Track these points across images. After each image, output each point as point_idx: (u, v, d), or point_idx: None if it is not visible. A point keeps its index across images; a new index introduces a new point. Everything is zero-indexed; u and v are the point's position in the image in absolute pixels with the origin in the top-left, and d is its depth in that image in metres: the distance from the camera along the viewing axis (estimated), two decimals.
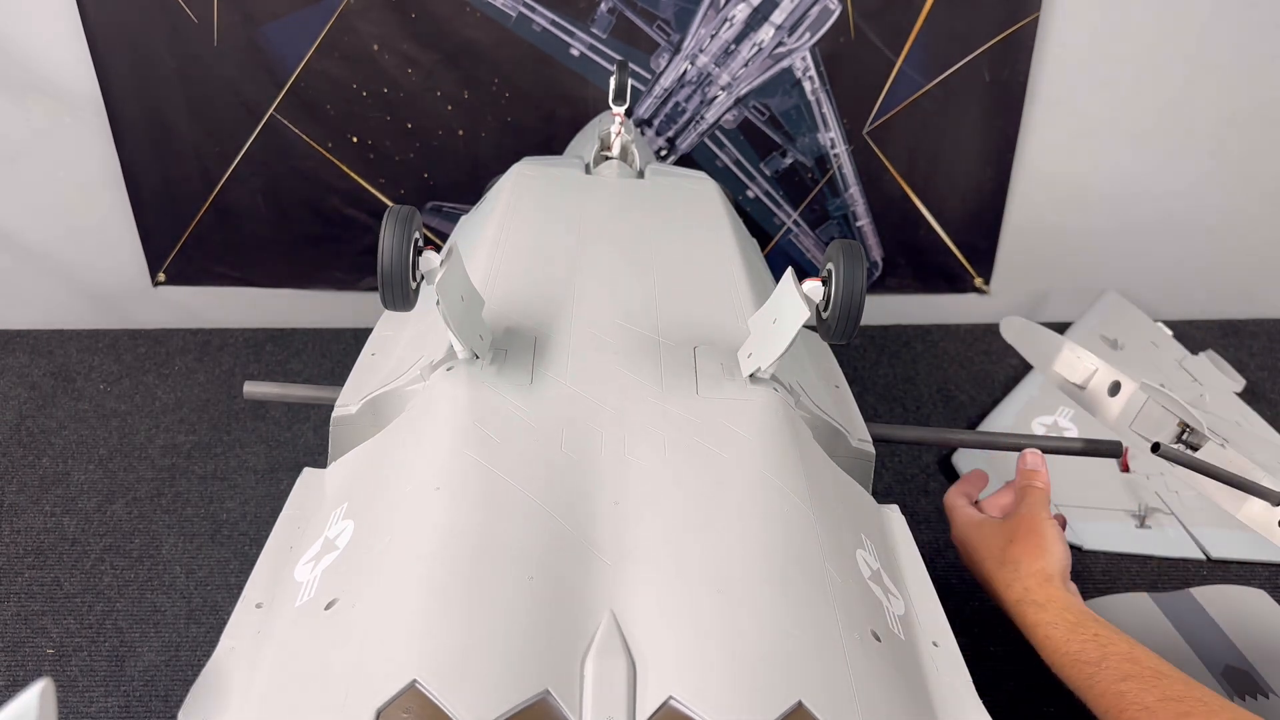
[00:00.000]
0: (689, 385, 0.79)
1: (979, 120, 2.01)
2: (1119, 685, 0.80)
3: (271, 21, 1.82)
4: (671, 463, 0.69)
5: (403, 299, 0.72)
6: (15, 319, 2.08)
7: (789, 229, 2.11)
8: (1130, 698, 0.79)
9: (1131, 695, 0.79)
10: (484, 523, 0.61)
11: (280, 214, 2.02)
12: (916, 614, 0.70)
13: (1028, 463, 1.03)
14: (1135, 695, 0.79)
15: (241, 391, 1.02)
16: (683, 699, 0.50)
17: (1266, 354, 2.13)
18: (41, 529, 1.59)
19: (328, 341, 2.09)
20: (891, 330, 2.18)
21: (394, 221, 0.71)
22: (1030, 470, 1.02)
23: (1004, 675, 1.40)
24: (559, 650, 0.53)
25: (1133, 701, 0.79)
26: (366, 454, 0.79)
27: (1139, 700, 0.78)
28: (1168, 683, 0.78)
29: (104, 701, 1.33)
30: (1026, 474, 1.02)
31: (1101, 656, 0.83)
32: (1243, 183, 2.11)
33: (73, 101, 1.85)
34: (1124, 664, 0.81)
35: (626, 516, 0.64)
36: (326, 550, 0.66)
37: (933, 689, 0.63)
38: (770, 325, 0.77)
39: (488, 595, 0.56)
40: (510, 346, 0.81)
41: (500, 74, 1.90)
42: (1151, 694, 0.78)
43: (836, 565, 0.64)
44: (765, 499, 0.67)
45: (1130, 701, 0.79)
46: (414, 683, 0.49)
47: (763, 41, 1.90)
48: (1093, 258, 2.19)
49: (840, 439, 0.90)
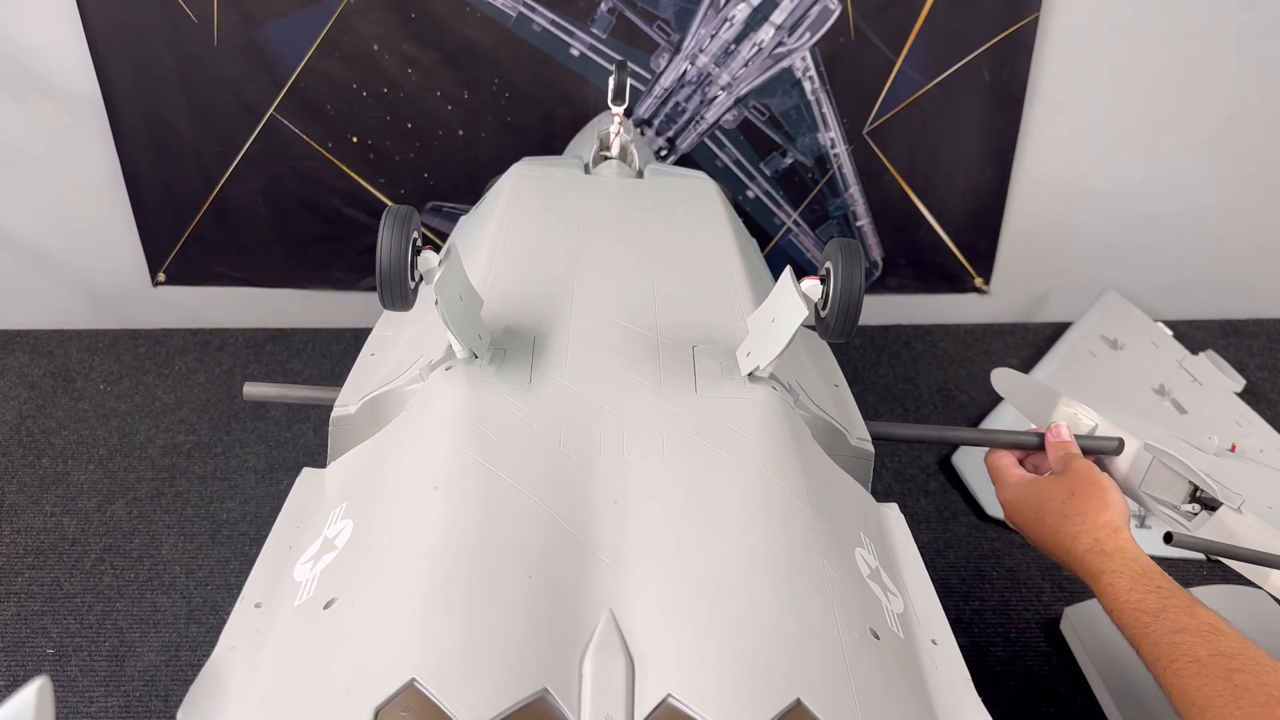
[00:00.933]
0: (688, 384, 0.79)
1: (979, 120, 2.01)
2: (1174, 636, 0.81)
3: (271, 21, 1.82)
4: (670, 462, 0.69)
5: (401, 299, 0.72)
6: (15, 319, 2.08)
7: (789, 229, 2.11)
8: (1183, 649, 0.79)
9: (1184, 647, 0.79)
10: (483, 522, 0.61)
11: (280, 214, 2.02)
12: (915, 612, 0.70)
13: (1062, 435, 1.06)
14: (1188, 647, 0.79)
15: (241, 392, 1.02)
16: (681, 697, 0.50)
17: (1266, 354, 2.13)
18: (41, 529, 1.59)
19: (328, 341, 2.09)
20: (891, 330, 2.19)
21: (392, 221, 0.71)
22: (1066, 441, 1.05)
23: (1004, 675, 1.40)
24: (558, 649, 0.53)
25: (1185, 653, 0.79)
26: (365, 454, 0.79)
27: (1191, 653, 0.79)
28: (1223, 639, 0.79)
29: (104, 701, 1.34)
30: (1063, 444, 1.05)
31: (1161, 608, 0.83)
32: (1243, 183, 2.11)
33: (73, 102, 1.86)
34: (1182, 617, 0.82)
35: (625, 515, 0.64)
36: (325, 550, 0.66)
37: (931, 686, 0.63)
38: (769, 324, 0.77)
39: (486, 594, 0.55)
40: (509, 346, 0.81)
41: (500, 74, 1.90)
42: (1204, 648, 0.78)
43: (835, 563, 0.64)
44: (764, 497, 0.66)
45: (1183, 653, 0.79)
46: (413, 681, 0.49)
47: (763, 41, 1.90)
48: (1093, 258, 2.19)
49: (839, 438, 0.89)
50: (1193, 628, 0.80)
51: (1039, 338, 2.16)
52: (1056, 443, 1.06)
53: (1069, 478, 0.99)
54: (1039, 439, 1.07)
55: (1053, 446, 1.06)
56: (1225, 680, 0.76)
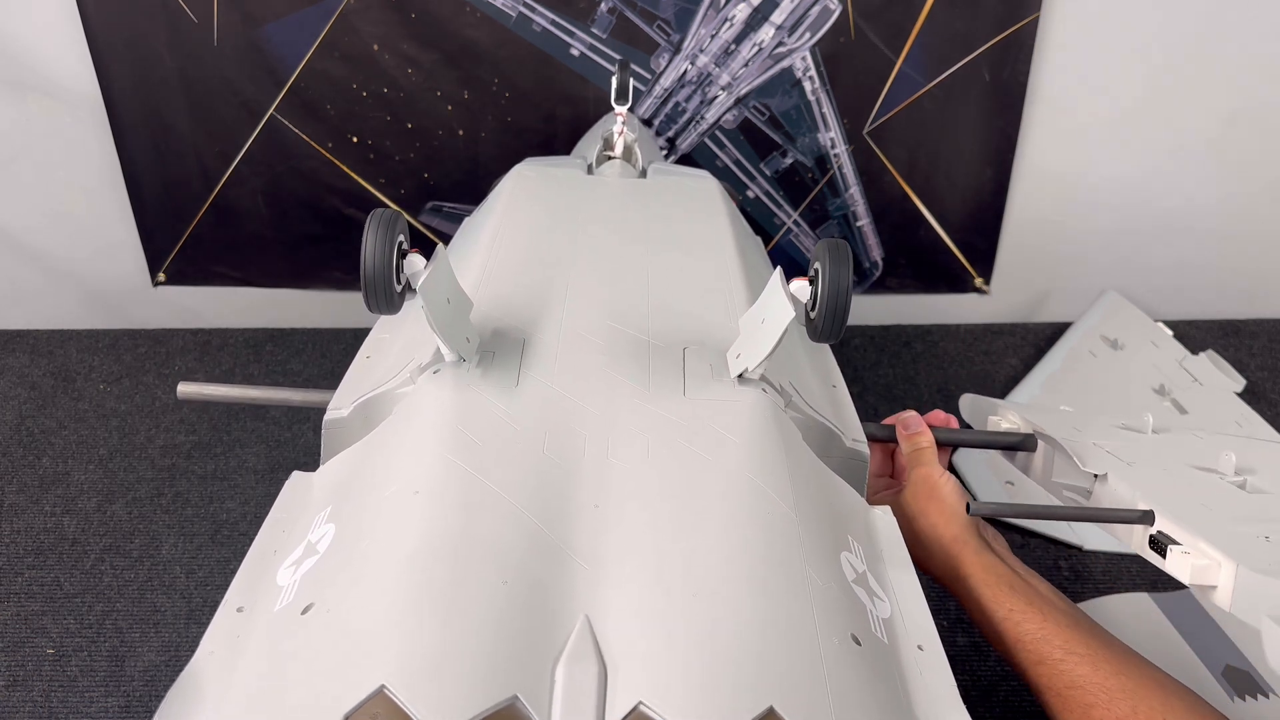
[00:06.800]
0: (676, 386, 0.79)
1: (979, 120, 2.00)
2: (1035, 669, 0.80)
3: (271, 21, 1.82)
4: (653, 465, 0.69)
5: (386, 302, 0.72)
6: (15, 319, 2.08)
7: (789, 229, 2.11)
8: (1045, 681, 0.78)
9: (1045, 679, 0.78)
10: (461, 526, 0.61)
11: (280, 214, 2.03)
12: (902, 617, 0.70)
13: (909, 426, 1.00)
14: (1048, 679, 0.78)
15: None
16: (652, 704, 0.50)
17: (1266, 354, 2.12)
18: (41, 529, 1.59)
19: (328, 341, 2.10)
20: (891, 330, 2.18)
21: (377, 224, 0.71)
22: (914, 434, 0.99)
23: (1004, 675, 1.40)
24: (531, 655, 0.53)
25: (1047, 686, 0.78)
26: (352, 458, 0.79)
27: (1051, 685, 0.78)
28: (1077, 668, 0.77)
29: (104, 701, 1.34)
30: (911, 438, 0.99)
31: (1017, 637, 0.81)
32: (1243, 183, 2.10)
33: (73, 101, 1.86)
34: (1040, 646, 0.79)
35: (606, 519, 0.64)
36: (308, 554, 0.66)
37: (914, 692, 0.63)
38: (759, 325, 0.77)
39: (460, 600, 0.55)
40: (498, 349, 0.81)
41: (500, 74, 1.90)
42: (1061, 680, 0.77)
43: (818, 568, 0.64)
44: (747, 501, 0.66)
45: (1045, 685, 0.78)
46: (382, 687, 0.49)
47: (763, 41, 1.90)
48: (1093, 258, 2.18)
49: (834, 439, 0.89)
50: (1047, 657, 0.79)
51: (1039, 338, 2.16)
52: (905, 435, 1.00)
53: (912, 493, 0.94)
54: (890, 430, 1.01)
55: (904, 440, 1.00)
56: (1085, 717, 0.75)
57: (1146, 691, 0.74)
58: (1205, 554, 0.74)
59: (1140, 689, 0.74)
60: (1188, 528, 0.77)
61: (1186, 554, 0.75)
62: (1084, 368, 1.93)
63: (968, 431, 1.08)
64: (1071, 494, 0.97)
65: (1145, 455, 0.97)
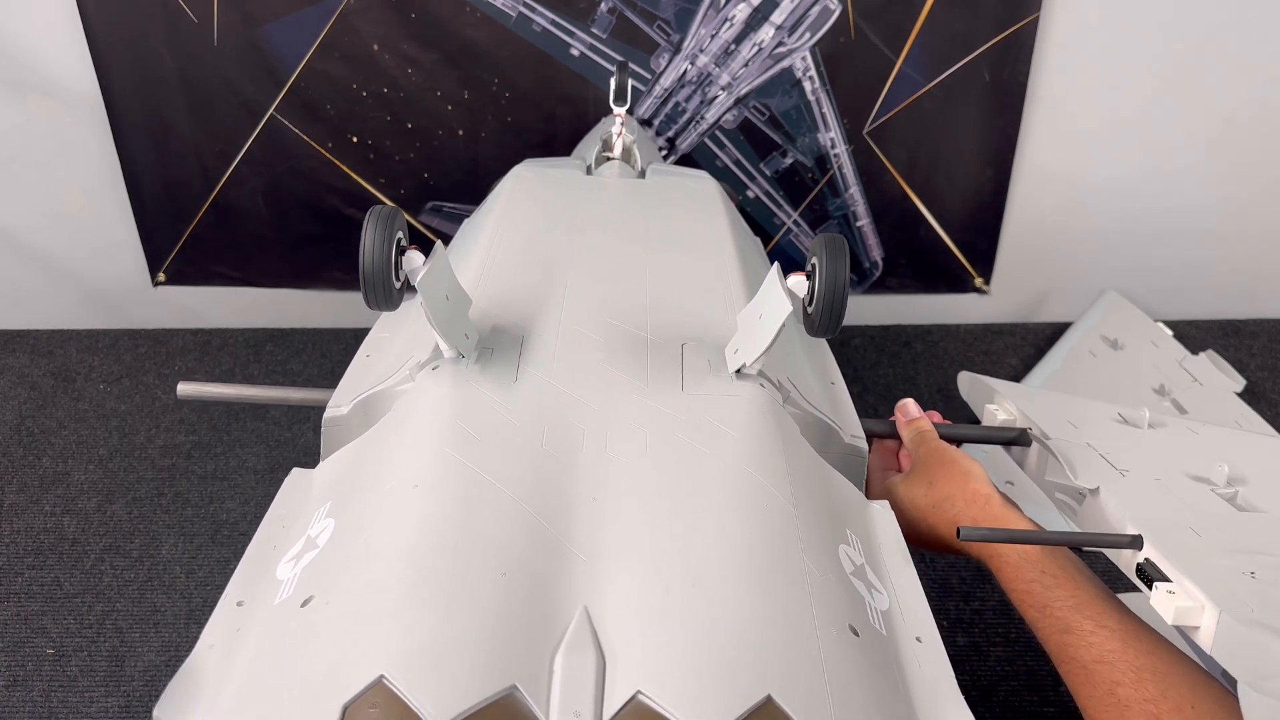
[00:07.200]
0: (674, 381, 0.79)
1: (979, 120, 2.00)
2: (1061, 637, 0.78)
3: (271, 21, 1.82)
4: (651, 458, 0.69)
5: (385, 299, 0.73)
6: (15, 319, 2.09)
7: (789, 229, 2.11)
8: (1070, 651, 0.77)
9: (1071, 649, 0.77)
10: (460, 520, 0.61)
11: (280, 214, 2.03)
12: (901, 610, 0.70)
13: (909, 411, 1.01)
14: (1075, 650, 0.77)
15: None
16: (650, 693, 0.50)
17: (1266, 354, 2.12)
18: (41, 529, 1.59)
19: (328, 341, 2.10)
20: (891, 330, 2.18)
21: (375, 220, 0.71)
22: (914, 419, 1.00)
23: (1004, 675, 1.40)
24: (530, 646, 0.53)
25: (1072, 656, 0.77)
26: (351, 454, 0.79)
27: (1077, 657, 0.76)
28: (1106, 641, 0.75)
29: (104, 701, 1.34)
30: (911, 423, 1.00)
31: (1046, 602, 0.80)
32: (1242, 183, 2.10)
33: (73, 101, 1.86)
34: (1068, 614, 0.78)
35: (604, 512, 0.64)
36: (308, 548, 0.66)
37: (913, 684, 0.62)
38: (756, 320, 0.77)
39: (459, 591, 0.55)
40: (497, 345, 0.81)
41: (500, 74, 1.91)
42: (1089, 652, 0.76)
43: (816, 560, 0.64)
44: (744, 493, 0.66)
45: (1070, 655, 0.77)
46: (381, 678, 0.49)
47: (763, 41, 1.90)
48: (1093, 258, 2.18)
49: (832, 435, 0.89)
50: (1077, 628, 0.77)
51: (1039, 338, 2.16)
52: (906, 423, 1.00)
53: (921, 468, 0.94)
54: (889, 425, 1.02)
55: (903, 427, 1.00)
56: (1109, 694, 0.73)
57: (1176, 677, 0.73)
58: (1190, 595, 0.74)
59: (1171, 674, 0.73)
60: (1175, 562, 0.77)
61: (1172, 594, 0.75)
62: (1084, 368, 1.93)
63: (963, 426, 1.08)
64: (1063, 496, 0.98)
65: (1140, 458, 0.96)
